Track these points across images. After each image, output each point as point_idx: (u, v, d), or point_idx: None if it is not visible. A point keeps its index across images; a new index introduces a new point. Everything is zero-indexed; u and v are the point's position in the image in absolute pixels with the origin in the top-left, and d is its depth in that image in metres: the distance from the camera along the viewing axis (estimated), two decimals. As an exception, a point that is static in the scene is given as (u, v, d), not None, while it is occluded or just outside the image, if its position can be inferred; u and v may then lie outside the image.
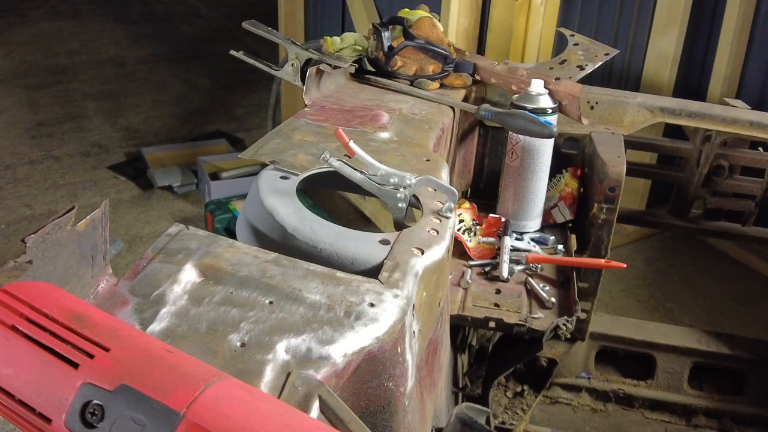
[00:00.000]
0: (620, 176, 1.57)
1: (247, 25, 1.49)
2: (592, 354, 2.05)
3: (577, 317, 1.37)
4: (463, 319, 1.37)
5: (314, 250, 0.91)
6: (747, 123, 1.67)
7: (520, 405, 2.05)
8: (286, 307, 0.75)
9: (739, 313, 2.75)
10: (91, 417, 0.52)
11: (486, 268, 1.51)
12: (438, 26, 1.62)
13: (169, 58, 5.59)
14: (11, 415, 0.55)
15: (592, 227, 1.63)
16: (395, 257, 0.89)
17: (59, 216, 0.70)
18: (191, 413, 0.50)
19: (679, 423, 2.05)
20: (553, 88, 1.56)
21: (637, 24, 2.92)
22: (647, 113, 1.70)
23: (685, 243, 3.18)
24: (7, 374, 0.54)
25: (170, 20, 6.65)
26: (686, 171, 1.84)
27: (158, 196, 3.53)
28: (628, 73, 3.00)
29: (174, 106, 4.67)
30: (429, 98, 1.54)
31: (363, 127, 1.30)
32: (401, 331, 0.78)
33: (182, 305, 0.74)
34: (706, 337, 2.04)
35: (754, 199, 1.84)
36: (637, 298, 2.82)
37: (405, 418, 0.85)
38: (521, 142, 1.55)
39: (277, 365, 0.68)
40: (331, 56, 1.48)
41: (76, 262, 0.72)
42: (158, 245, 0.83)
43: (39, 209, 3.32)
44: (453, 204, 1.04)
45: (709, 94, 2.91)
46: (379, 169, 1.02)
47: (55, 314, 0.56)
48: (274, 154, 1.12)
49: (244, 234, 1.00)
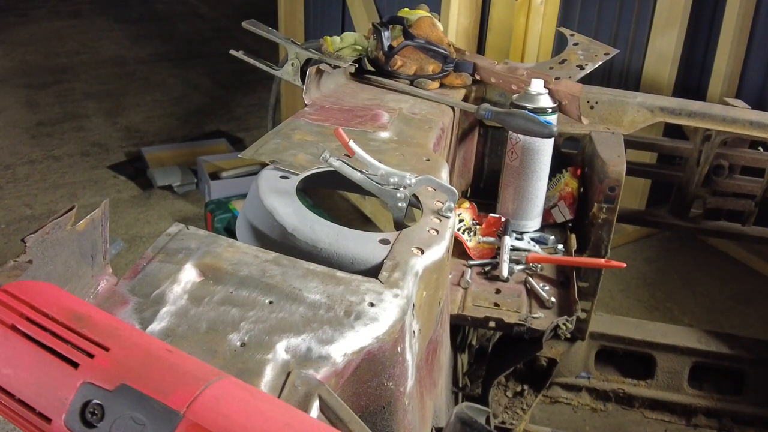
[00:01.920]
0: (620, 176, 1.57)
1: (247, 25, 1.49)
2: (592, 354, 2.05)
3: (577, 317, 1.37)
4: (463, 319, 1.37)
5: (314, 250, 0.91)
6: (747, 123, 1.67)
7: (520, 405, 2.05)
8: (286, 306, 0.75)
9: (739, 313, 2.75)
10: (91, 416, 0.52)
11: (486, 268, 1.51)
12: (438, 26, 1.62)
13: (169, 58, 5.59)
14: (11, 414, 0.55)
15: (592, 227, 1.63)
16: (395, 257, 0.89)
17: (59, 216, 0.70)
18: (191, 413, 0.50)
19: (679, 423, 2.05)
20: (553, 87, 1.56)
21: (636, 24, 2.92)
22: (647, 113, 1.70)
23: (685, 243, 3.18)
24: (7, 374, 0.54)
25: (170, 20, 6.65)
26: (686, 171, 1.84)
27: (158, 196, 3.53)
28: (628, 73, 3.00)
29: (174, 106, 4.68)
30: (429, 98, 1.54)
31: (363, 126, 1.30)
32: (401, 330, 0.78)
33: (182, 305, 0.74)
34: (706, 337, 2.04)
35: (754, 199, 1.84)
36: (637, 298, 2.82)
37: (405, 418, 0.85)
38: (521, 141, 1.55)
39: (277, 365, 0.68)
40: (331, 56, 1.48)
41: (76, 261, 0.72)
42: (158, 245, 0.83)
43: (39, 209, 3.32)
44: (453, 204, 1.04)
45: (709, 93, 2.91)
46: (379, 169, 1.02)
47: (55, 314, 0.56)
48: (274, 154, 1.11)
49: (244, 234, 1.00)
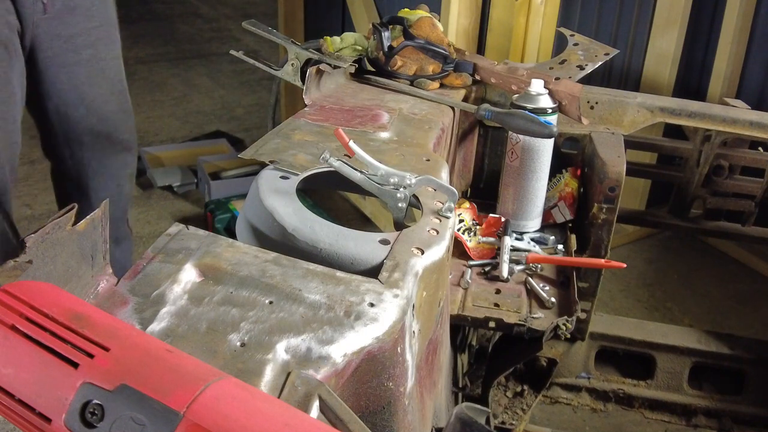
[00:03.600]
0: (620, 176, 1.57)
1: (247, 25, 1.50)
2: (592, 354, 2.05)
3: (577, 317, 1.37)
4: (463, 319, 1.37)
5: (314, 250, 0.91)
6: (747, 123, 1.67)
7: (520, 405, 2.05)
8: (286, 306, 0.75)
9: (739, 313, 2.75)
10: (91, 417, 0.52)
11: (486, 268, 1.51)
12: (438, 26, 1.62)
13: (169, 58, 5.59)
14: (11, 414, 0.55)
15: (592, 227, 1.63)
16: (395, 257, 0.89)
17: (59, 216, 0.70)
18: (191, 413, 0.50)
19: (679, 423, 2.06)
20: (553, 88, 1.56)
21: (637, 24, 2.92)
22: (647, 113, 1.70)
23: (685, 243, 3.18)
24: (6, 374, 0.54)
25: (170, 20, 6.64)
26: (686, 171, 1.84)
27: (158, 196, 3.53)
28: (628, 73, 3.00)
29: (174, 106, 4.67)
30: (429, 98, 1.54)
31: (363, 126, 1.30)
32: (401, 331, 0.78)
33: (182, 305, 0.74)
34: (706, 337, 2.04)
35: (754, 199, 1.84)
36: (637, 298, 2.82)
37: (405, 418, 0.85)
38: (521, 142, 1.55)
39: (277, 365, 0.68)
40: (331, 56, 1.48)
41: (76, 262, 0.72)
42: (158, 245, 0.83)
43: (39, 209, 3.32)
44: (453, 204, 1.04)
45: (709, 94, 2.91)
46: (379, 169, 1.02)
47: (55, 314, 0.57)
48: (274, 154, 1.12)
49: (244, 234, 1.00)
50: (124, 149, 2.06)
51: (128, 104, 2.06)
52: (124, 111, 2.04)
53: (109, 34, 1.94)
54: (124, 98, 2.03)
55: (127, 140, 2.07)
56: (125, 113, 2.04)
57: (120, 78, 2.00)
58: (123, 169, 2.10)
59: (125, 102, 2.04)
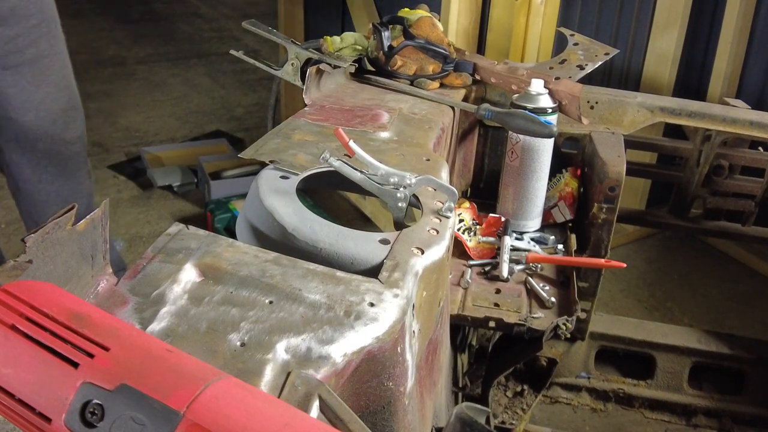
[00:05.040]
0: (620, 176, 1.57)
1: (247, 25, 1.50)
2: (592, 354, 2.05)
3: (577, 317, 1.37)
4: (463, 319, 1.37)
5: (314, 250, 0.91)
6: (747, 123, 1.67)
7: (520, 405, 2.06)
8: (286, 306, 0.75)
9: (739, 313, 2.75)
10: (91, 416, 0.52)
11: (486, 268, 1.51)
12: (438, 26, 1.62)
13: (169, 58, 5.59)
14: (11, 414, 0.55)
15: (592, 227, 1.63)
16: (395, 257, 0.89)
17: (59, 216, 0.70)
18: (191, 413, 0.50)
19: (679, 423, 2.05)
20: (553, 87, 1.56)
21: (637, 24, 2.92)
22: (647, 113, 1.70)
23: (685, 243, 3.18)
24: (6, 374, 0.54)
25: (170, 20, 6.64)
26: (686, 171, 1.84)
27: (158, 196, 3.53)
28: (628, 73, 3.00)
29: (174, 106, 4.67)
30: (429, 98, 1.54)
31: (363, 126, 1.30)
32: (401, 330, 0.78)
33: (182, 305, 0.74)
34: (706, 336, 2.04)
35: (754, 199, 1.84)
36: (637, 298, 2.82)
37: (405, 418, 0.85)
38: (521, 141, 1.55)
39: (277, 365, 0.68)
40: (331, 56, 1.48)
41: (76, 261, 0.72)
42: (158, 245, 0.83)
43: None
44: (453, 204, 1.04)
45: (709, 94, 2.91)
46: (379, 169, 1.02)
47: (55, 314, 0.56)
48: (274, 154, 1.12)
49: (244, 234, 1.00)
50: (79, 147, 2.08)
51: (77, 100, 2.07)
52: (74, 107, 2.05)
53: (50, 30, 1.95)
54: (72, 93, 2.04)
55: (79, 137, 2.08)
56: (75, 110, 2.05)
57: (65, 74, 2.01)
58: (83, 167, 2.12)
59: (74, 98, 2.05)
